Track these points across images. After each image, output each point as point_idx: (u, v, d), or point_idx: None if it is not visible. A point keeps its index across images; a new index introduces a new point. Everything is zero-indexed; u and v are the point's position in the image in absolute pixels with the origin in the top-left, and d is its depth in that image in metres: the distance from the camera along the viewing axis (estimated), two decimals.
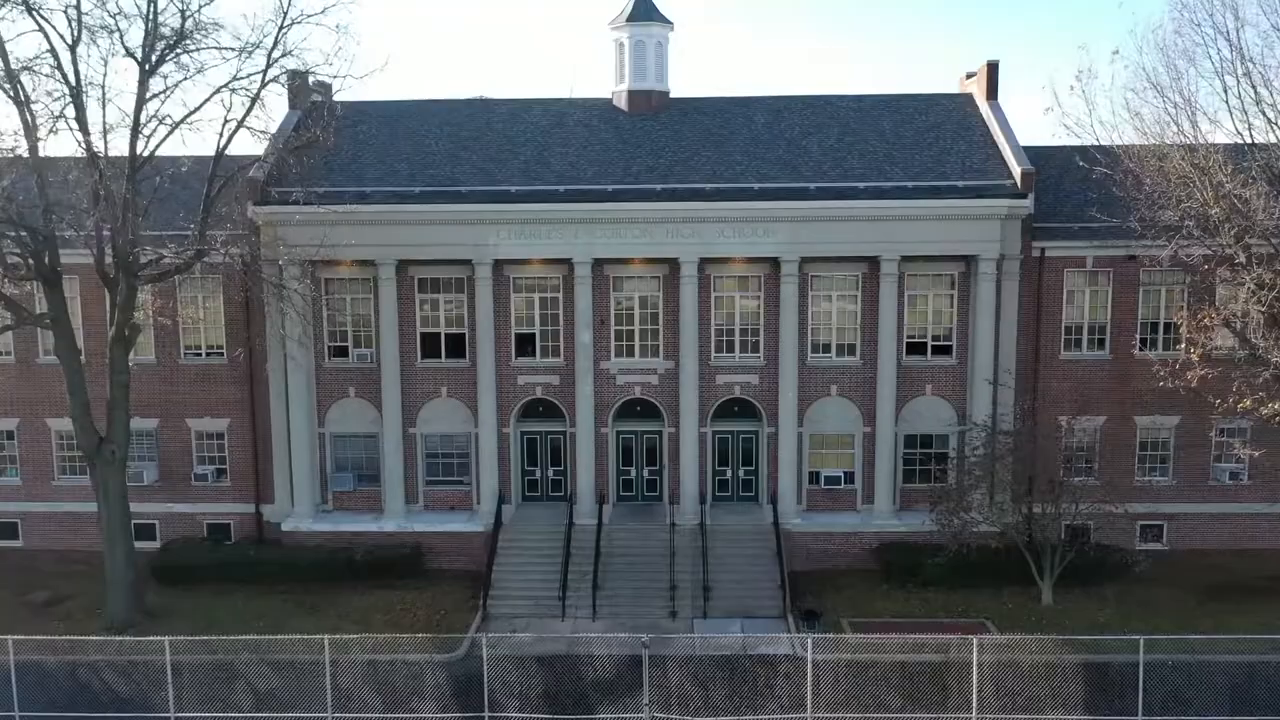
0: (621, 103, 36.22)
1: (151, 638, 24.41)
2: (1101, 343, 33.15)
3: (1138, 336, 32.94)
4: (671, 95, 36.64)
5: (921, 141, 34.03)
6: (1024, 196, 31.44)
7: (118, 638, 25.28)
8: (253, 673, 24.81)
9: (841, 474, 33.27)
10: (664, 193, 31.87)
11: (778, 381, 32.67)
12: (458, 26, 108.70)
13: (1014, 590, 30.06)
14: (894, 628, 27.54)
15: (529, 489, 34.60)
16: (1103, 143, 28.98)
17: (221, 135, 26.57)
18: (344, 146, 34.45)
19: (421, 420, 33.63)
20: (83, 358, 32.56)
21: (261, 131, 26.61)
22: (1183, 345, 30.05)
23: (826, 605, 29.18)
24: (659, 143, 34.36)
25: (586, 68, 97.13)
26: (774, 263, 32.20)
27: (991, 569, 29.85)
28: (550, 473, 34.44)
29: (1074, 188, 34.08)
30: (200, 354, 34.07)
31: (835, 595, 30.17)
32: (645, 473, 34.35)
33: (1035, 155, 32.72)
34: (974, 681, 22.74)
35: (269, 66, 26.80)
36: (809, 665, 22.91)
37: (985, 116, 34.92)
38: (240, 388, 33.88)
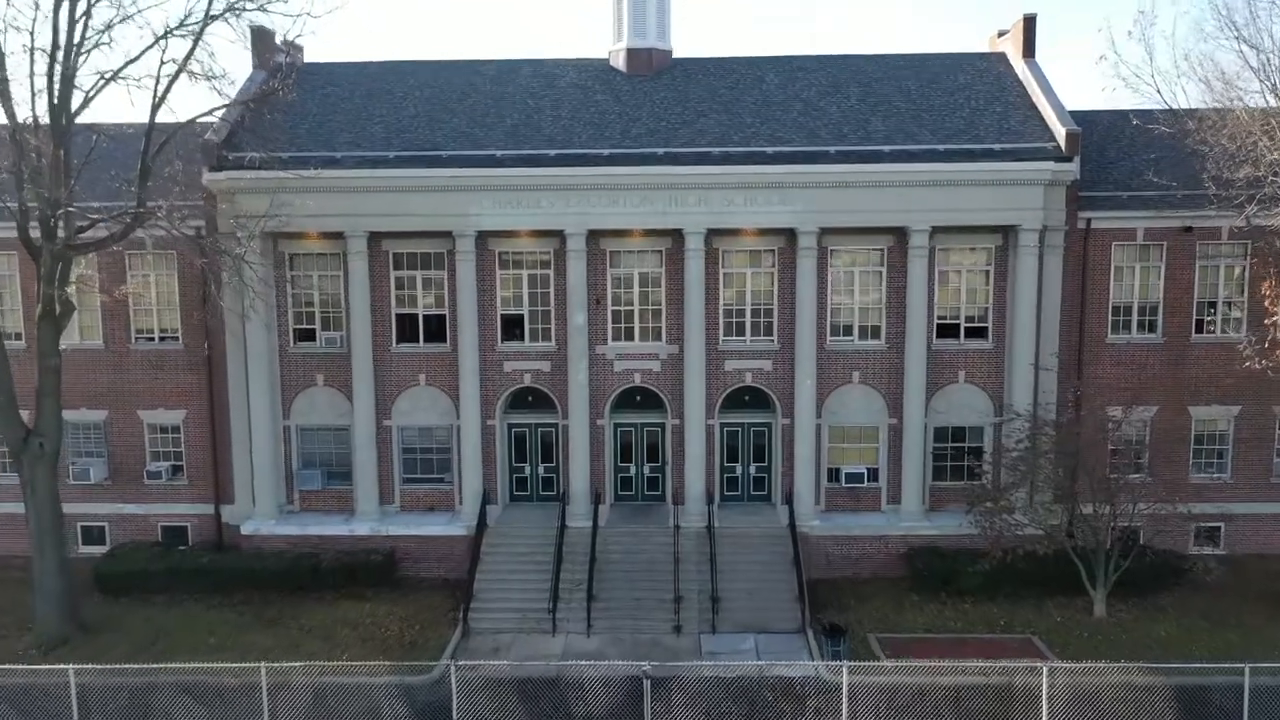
0: (619, 63, 32.92)
1: (48, 666, 21.06)
2: (1153, 324, 29.80)
3: (1195, 317, 29.61)
4: (674, 56, 33.38)
5: (951, 103, 30.69)
6: (1069, 160, 28.09)
7: (14, 665, 21.84)
8: (177, 705, 21.37)
9: (864, 471, 29.92)
10: (666, 157, 28.52)
11: (794, 368, 29.33)
12: None
13: (1059, 601, 26.79)
14: (929, 645, 24.32)
15: (517, 487, 31.27)
16: (1163, 94, 25.66)
17: (158, 80, 23.17)
18: (312, 109, 31.26)
19: (397, 411, 30.30)
20: (22, 342, 29.82)
21: (204, 75, 23.19)
22: (1270, 321, 26.51)
23: (850, 618, 25.87)
24: (661, 105, 31.02)
25: (571, 32, 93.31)
26: (789, 234, 28.88)
27: (1033, 577, 26.59)
28: (540, 470, 31.11)
29: (1119, 154, 30.87)
30: (153, 338, 30.72)
31: (860, 607, 26.84)
32: (646, 470, 31.03)
33: (1076, 120, 29.31)
34: (1043, 718, 19.39)
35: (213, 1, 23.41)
36: (844, 698, 19.53)
37: (1022, 75, 31.59)
38: (198, 375, 30.55)
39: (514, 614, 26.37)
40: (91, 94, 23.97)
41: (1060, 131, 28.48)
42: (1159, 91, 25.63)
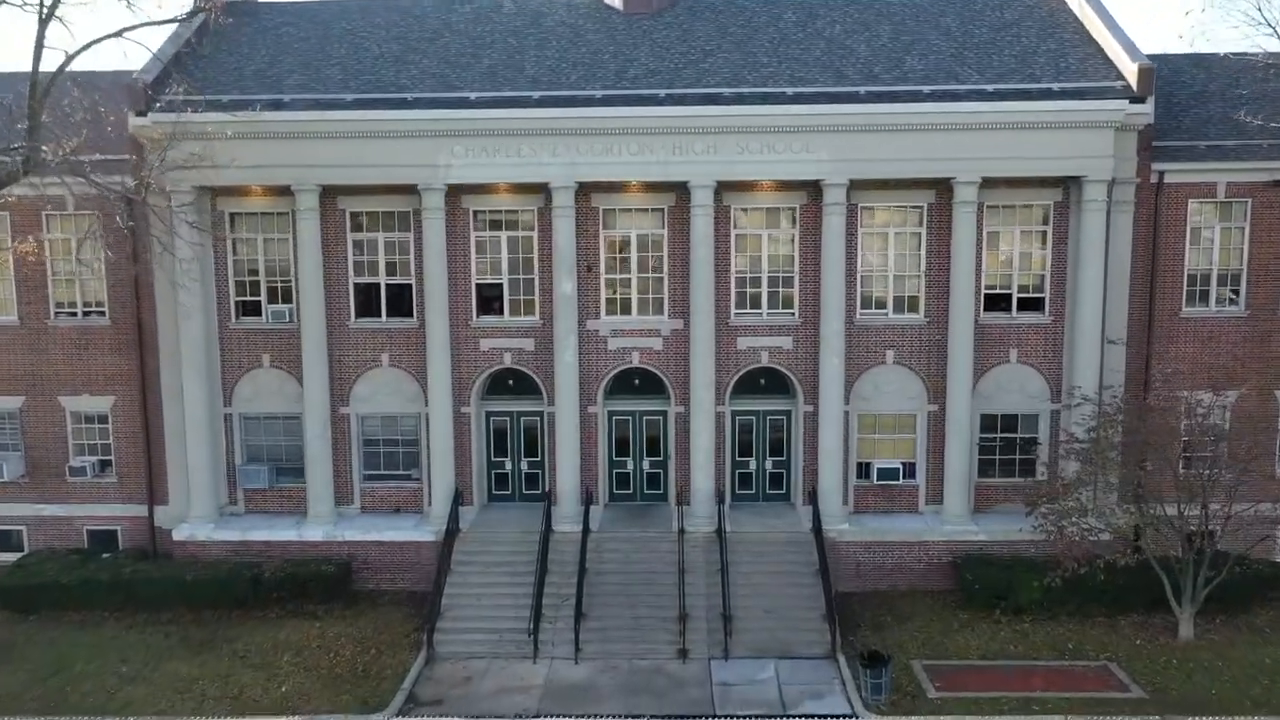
0: None
1: None
2: (1235, 295, 25.60)
3: None
4: None
5: (998, 40, 26.51)
6: (1142, 100, 23.92)
7: None
8: None
9: (899, 465, 25.72)
10: (669, 99, 24.35)
11: (818, 346, 25.15)
12: None
13: (1133, 619, 22.70)
14: (988, 674, 20.17)
15: (496, 485, 27.08)
16: (1263, 14, 21.45)
17: None
18: (261, 50, 27.13)
19: (356, 397, 26.11)
20: None
21: None
22: None
23: (889, 641, 21.70)
24: (662, 44, 26.84)
25: None
26: (814, 189, 24.71)
27: (1101, 591, 22.43)
28: (523, 465, 26.91)
29: (1190, 100, 26.74)
30: (76, 313, 26.54)
31: (899, 626, 22.67)
32: (645, 465, 26.84)
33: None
34: None
35: None
36: None
37: (1078, 10, 27.37)
38: (128, 357, 26.37)
39: (488, 635, 22.22)
40: None
41: (1130, 68, 24.30)
42: (1259, 9, 21.38)
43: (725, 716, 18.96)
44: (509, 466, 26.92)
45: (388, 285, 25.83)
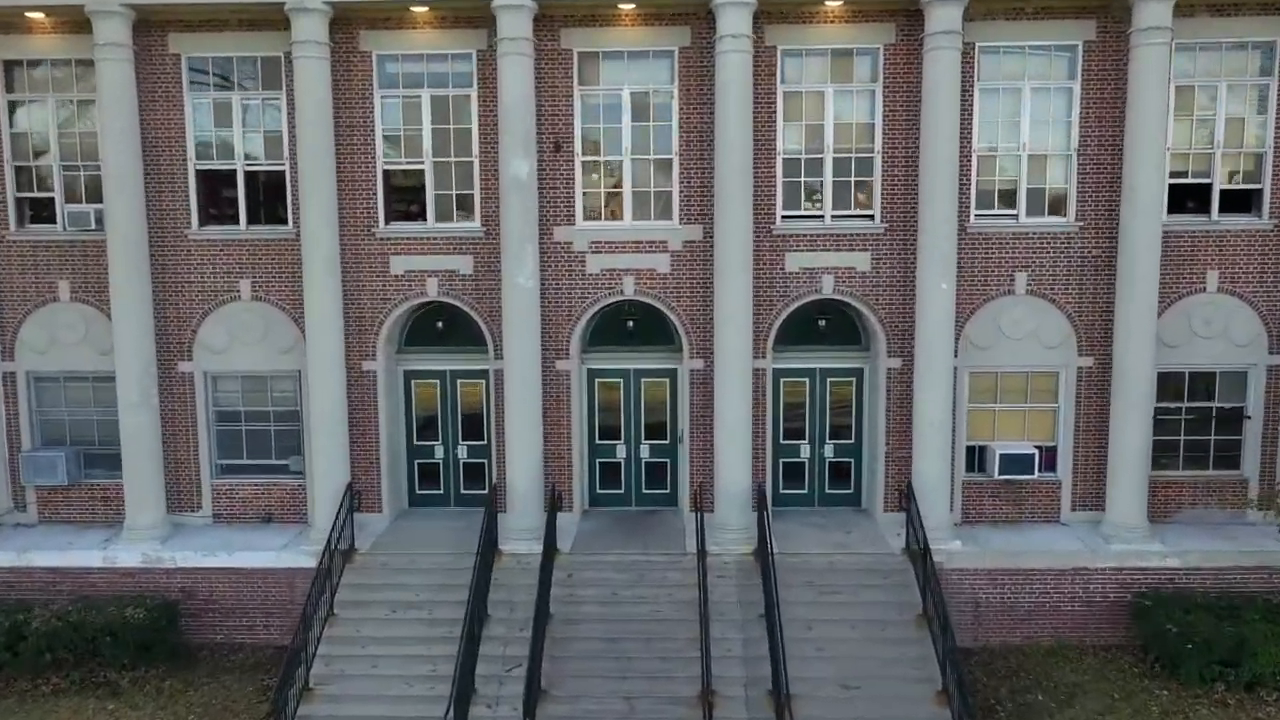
0: None
1: None
2: None
3: None
4: None
5: None
6: None
7: None
8: None
9: (1033, 451, 16.78)
10: None
11: (910, 265, 16.35)
12: None
13: None
14: None
15: (421, 482, 18.19)
16: None
17: None
18: None
19: (203, 347, 17.18)
20: None
21: None
22: None
23: None
24: None
25: None
26: (908, 18, 15.87)
27: None
28: (461, 451, 18.02)
29: None
30: None
31: (1060, 713, 13.82)
32: (645, 451, 17.98)
33: None
34: None
35: None
36: None
37: None
38: None
39: None
40: None
41: None
42: None
43: None
44: (440, 454, 18.01)
45: (248, 174, 16.90)
